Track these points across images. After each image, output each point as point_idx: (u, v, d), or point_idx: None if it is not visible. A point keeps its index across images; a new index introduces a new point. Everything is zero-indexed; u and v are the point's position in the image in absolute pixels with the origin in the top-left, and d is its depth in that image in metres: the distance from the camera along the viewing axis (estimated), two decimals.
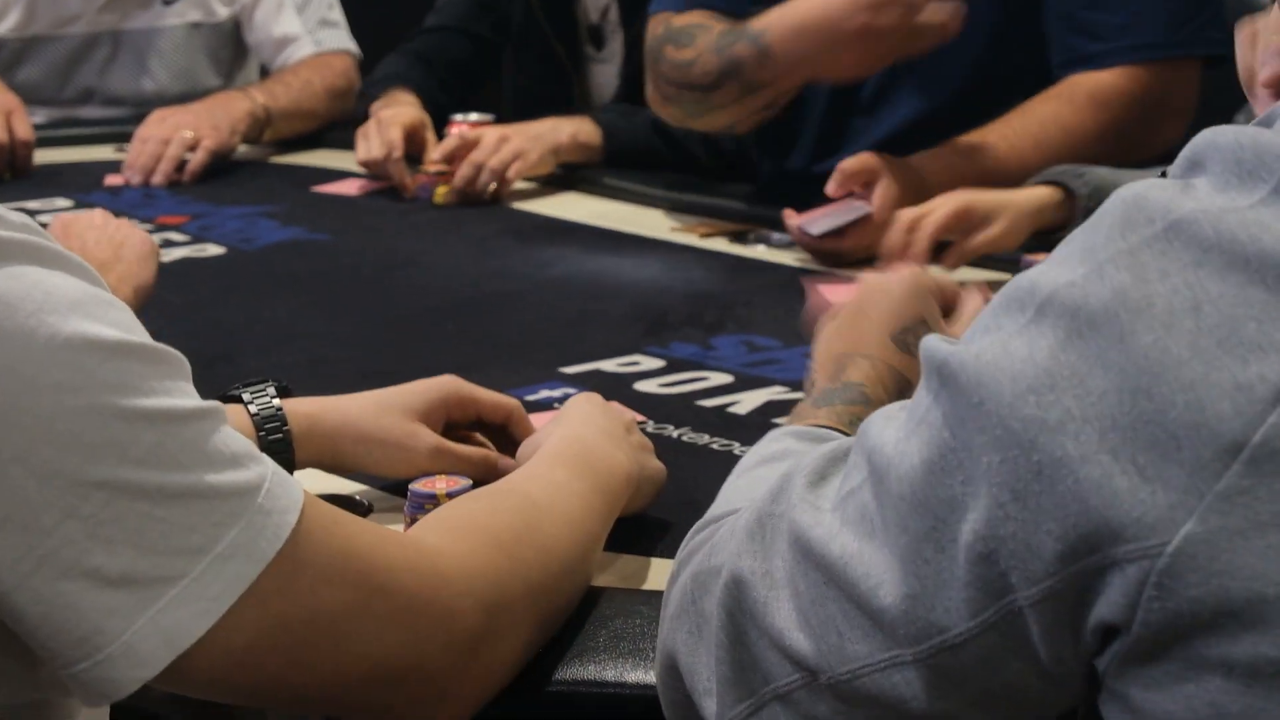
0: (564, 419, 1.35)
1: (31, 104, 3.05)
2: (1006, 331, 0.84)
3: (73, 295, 0.91)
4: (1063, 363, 0.81)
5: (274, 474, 0.96)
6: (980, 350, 0.84)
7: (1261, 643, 0.78)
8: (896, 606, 0.86)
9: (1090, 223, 0.85)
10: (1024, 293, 0.84)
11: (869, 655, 0.88)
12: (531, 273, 2.24)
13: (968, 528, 0.83)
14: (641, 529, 1.35)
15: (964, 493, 0.83)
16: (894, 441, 0.88)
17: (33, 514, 0.89)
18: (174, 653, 0.92)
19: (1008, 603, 0.83)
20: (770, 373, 1.80)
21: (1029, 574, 0.82)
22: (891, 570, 0.86)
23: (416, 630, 1.02)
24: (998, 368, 0.83)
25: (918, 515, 0.85)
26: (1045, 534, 0.81)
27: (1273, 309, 0.78)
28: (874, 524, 0.88)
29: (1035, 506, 0.81)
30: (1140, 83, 2.33)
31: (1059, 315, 0.82)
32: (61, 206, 2.64)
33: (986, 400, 0.83)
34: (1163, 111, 2.35)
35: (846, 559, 0.89)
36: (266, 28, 3.20)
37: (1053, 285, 0.83)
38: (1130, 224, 0.82)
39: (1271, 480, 0.77)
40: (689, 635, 0.99)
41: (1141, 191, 0.83)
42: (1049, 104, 2.32)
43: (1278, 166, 0.81)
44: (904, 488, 0.86)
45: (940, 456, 0.84)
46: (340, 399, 1.41)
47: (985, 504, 0.82)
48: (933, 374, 0.86)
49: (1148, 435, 0.79)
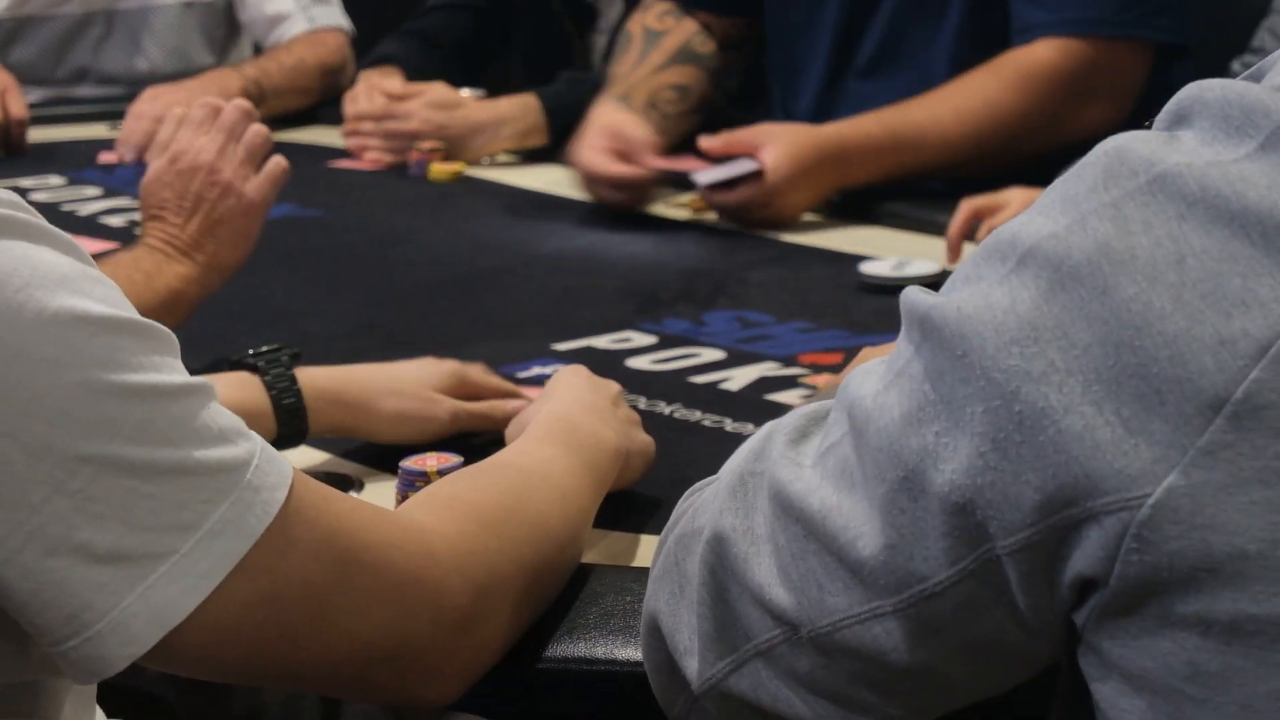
0: (550, 395, 1.36)
1: (26, 83, 3.05)
2: (988, 282, 0.83)
3: (60, 270, 0.91)
4: (1046, 314, 0.81)
5: (262, 450, 0.96)
6: (962, 302, 0.83)
7: (1242, 599, 0.78)
8: (875, 557, 0.86)
9: (1072, 172, 0.84)
10: (1005, 244, 0.84)
11: (849, 607, 0.88)
12: (524, 249, 2.24)
13: (943, 477, 0.83)
14: (632, 505, 1.35)
15: (939, 443, 0.83)
16: (873, 394, 0.87)
17: (21, 489, 0.89)
18: (163, 630, 0.92)
19: (985, 550, 0.83)
20: (762, 349, 1.80)
21: (1007, 524, 0.82)
22: (870, 521, 0.86)
23: (406, 607, 1.02)
24: (979, 320, 0.82)
25: (893, 465, 0.85)
26: (1024, 484, 0.81)
27: (1256, 264, 0.78)
28: (854, 477, 0.88)
29: (1015, 456, 0.81)
30: (1071, 58, 2.31)
31: (1041, 266, 0.81)
32: (55, 184, 2.64)
33: (970, 352, 0.82)
34: (1093, 91, 2.32)
35: (826, 511, 0.88)
36: (259, 5, 3.20)
37: (1035, 236, 0.82)
38: (1113, 176, 0.82)
39: (1254, 436, 0.77)
40: (671, 596, 0.99)
41: (1125, 143, 0.82)
42: (978, 76, 2.32)
43: (1264, 122, 0.80)
44: (882, 439, 0.86)
45: (918, 408, 0.84)
46: (357, 370, 1.46)
47: (965, 453, 0.82)
48: (914, 326, 0.86)
49: (1131, 388, 0.78)
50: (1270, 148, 0.79)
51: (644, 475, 1.39)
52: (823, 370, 1.71)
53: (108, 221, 2.41)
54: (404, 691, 1.05)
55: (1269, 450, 0.77)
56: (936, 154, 2.30)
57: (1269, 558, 0.77)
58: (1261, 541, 0.77)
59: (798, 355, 1.77)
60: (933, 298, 0.86)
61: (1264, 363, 0.77)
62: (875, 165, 2.31)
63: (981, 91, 2.30)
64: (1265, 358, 0.77)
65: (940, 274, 1.99)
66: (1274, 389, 0.77)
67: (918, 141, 2.28)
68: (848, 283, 2.03)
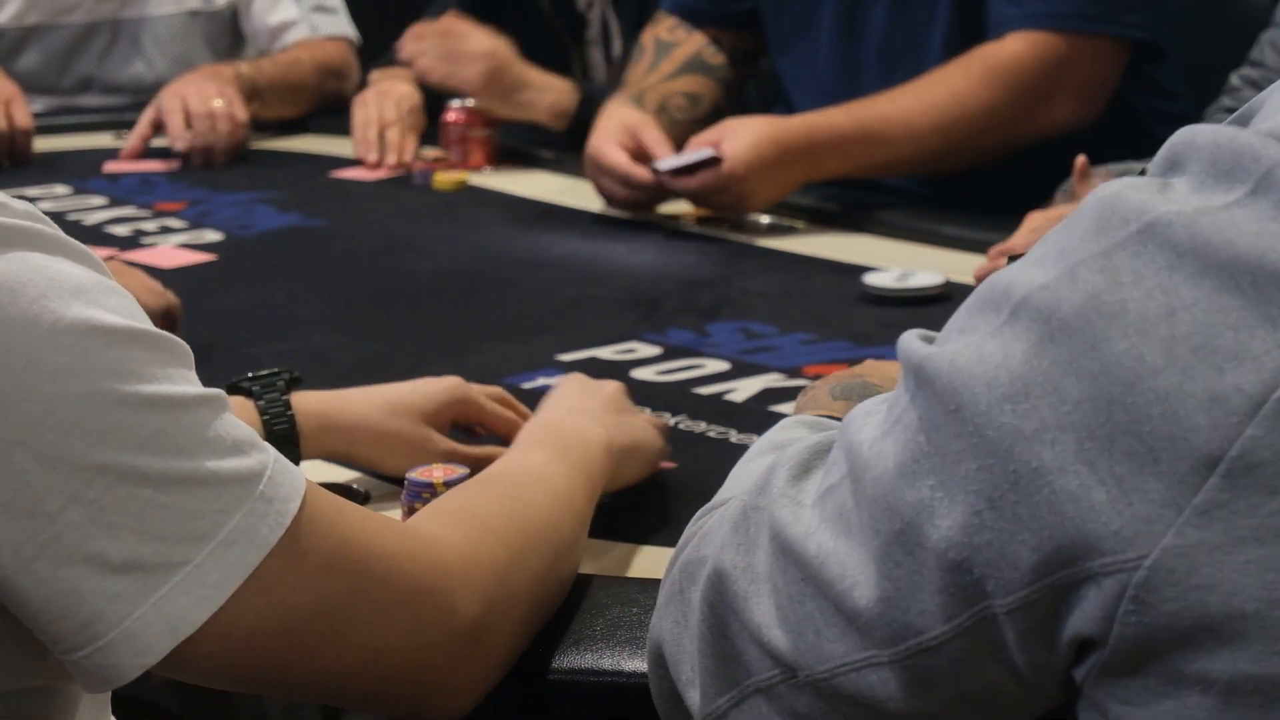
0: (541, 407, 1.38)
1: (31, 92, 3.06)
2: (981, 334, 0.82)
3: (76, 281, 0.91)
4: (1036, 369, 0.80)
5: (276, 461, 0.97)
6: (955, 354, 0.83)
7: (1240, 659, 0.77)
8: (871, 608, 0.85)
9: (1067, 221, 0.83)
10: (999, 293, 0.83)
11: (845, 655, 0.87)
12: (527, 258, 2.24)
13: (939, 534, 0.82)
14: (637, 517, 1.36)
15: (934, 497, 0.82)
16: (870, 441, 0.87)
17: (36, 499, 0.89)
18: (175, 640, 0.92)
19: (981, 608, 0.82)
20: (766, 360, 1.80)
21: (1004, 583, 0.81)
22: (866, 571, 0.85)
23: (418, 619, 1.02)
24: (971, 374, 0.81)
25: (888, 517, 0.84)
26: (1021, 544, 0.80)
27: (1248, 316, 0.77)
28: (851, 523, 0.87)
29: (1011, 516, 0.80)
30: (1039, 52, 2.31)
31: (1032, 319, 0.80)
32: (61, 193, 2.65)
33: (963, 408, 0.81)
34: (1061, 86, 2.32)
35: (823, 557, 0.88)
36: (263, 15, 3.21)
37: (1026, 287, 0.81)
38: (1105, 225, 0.80)
39: (1249, 494, 0.76)
40: (674, 625, 0.99)
41: (1118, 190, 0.81)
42: (948, 70, 2.33)
43: (1253, 167, 0.79)
44: (877, 489, 0.85)
45: (913, 460, 0.83)
46: (351, 395, 1.43)
47: (961, 510, 0.81)
48: (910, 374, 0.85)
49: (1124, 446, 0.78)
50: (1260, 193, 0.78)
51: (652, 472, 1.39)
52: None
53: (113, 231, 2.42)
54: (416, 704, 1.05)
55: (1264, 508, 0.76)
56: (904, 147, 2.31)
57: (1266, 617, 0.77)
58: (1258, 601, 0.77)
59: (801, 367, 1.77)
60: (927, 348, 0.85)
61: (1258, 419, 0.76)
62: (843, 157, 2.32)
63: (949, 84, 2.31)
64: (1259, 414, 0.76)
65: (944, 285, 2.00)
66: (1268, 445, 0.76)
67: (884, 133, 2.29)
68: (851, 293, 2.03)
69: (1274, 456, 0.76)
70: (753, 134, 2.28)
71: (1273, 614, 0.77)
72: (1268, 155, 0.79)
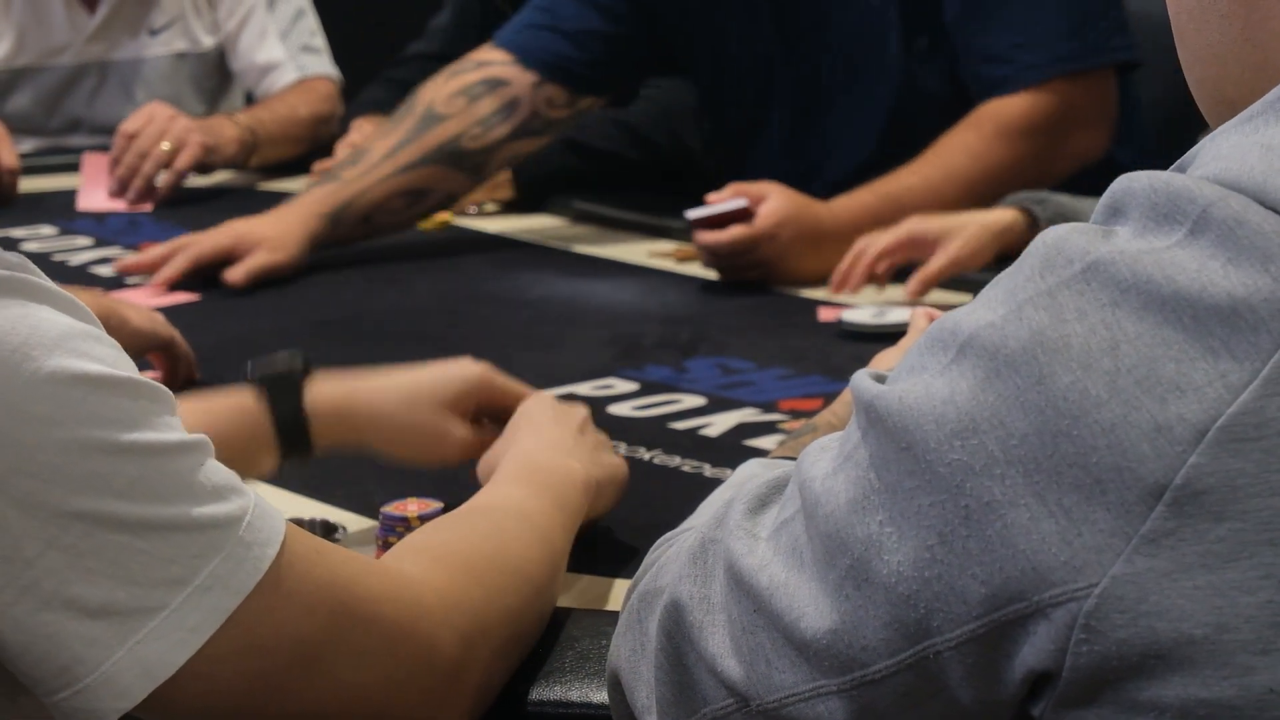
0: (515, 431, 1.37)
1: (19, 133, 3.08)
2: (930, 373, 0.84)
3: (59, 330, 0.93)
4: (983, 405, 0.81)
5: (256, 505, 0.98)
6: (904, 392, 0.84)
7: (1190, 684, 0.79)
8: (820, 639, 0.87)
9: (1014, 265, 0.85)
10: (947, 333, 0.85)
11: (795, 685, 0.89)
12: (507, 296, 2.27)
13: (889, 569, 0.84)
14: (608, 549, 1.38)
15: (884, 532, 0.84)
16: (822, 477, 0.88)
17: (14, 544, 0.91)
18: (153, 683, 0.93)
19: (925, 647, 0.84)
20: (743, 395, 1.82)
21: (951, 617, 0.83)
22: (817, 603, 0.87)
23: (398, 661, 1.03)
24: (920, 412, 0.83)
25: (840, 551, 0.86)
26: (970, 578, 0.82)
27: (1190, 349, 0.79)
28: (803, 557, 0.88)
29: (962, 550, 0.82)
30: (1046, 101, 2.34)
31: (979, 356, 0.82)
32: (47, 234, 2.66)
33: (914, 445, 0.83)
34: (1075, 125, 2.35)
35: (774, 589, 0.89)
36: (250, 55, 3.23)
37: (973, 326, 0.83)
38: (1049, 266, 0.83)
39: (1195, 521, 0.78)
40: (631, 653, 1.01)
41: (1063, 235, 0.84)
42: (959, 134, 2.34)
43: (1190, 208, 0.81)
44: (829, 525, 0.87)
45: (864, 496, 0.85)
46: (371, 383, 1.43)
47: (912, 545, 0.83)
48: (861, 412, 0.87)
49: (1072, 478, 0.79)
50: (1198, 233, 0.80)
51: (619, 501, 1.40)
52: (801, 416, 1.73)
53: (98, 271, 2.44)
54: None
55: (1210, 535, 0.78)
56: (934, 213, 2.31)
57: (1215, 642, 0.78)
58: (1207, 626, 0.78)
59: (777, 401, 1.79)
60: (877, 387, 0.87)
61: (1201, 447, 0.78)
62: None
63: (965, 148, 2.32)
64: (1203, 442, 0.78)
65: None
66: (1212, 473, 0.78)
67: (913, 204, 2.25)
68: (828, 329, 2.06)
69: (1218, 484, 0.78)
70: (793, 201, 2.25)
71: (1221, 639, 0.78)
72: (1202, 196, 0.81)
